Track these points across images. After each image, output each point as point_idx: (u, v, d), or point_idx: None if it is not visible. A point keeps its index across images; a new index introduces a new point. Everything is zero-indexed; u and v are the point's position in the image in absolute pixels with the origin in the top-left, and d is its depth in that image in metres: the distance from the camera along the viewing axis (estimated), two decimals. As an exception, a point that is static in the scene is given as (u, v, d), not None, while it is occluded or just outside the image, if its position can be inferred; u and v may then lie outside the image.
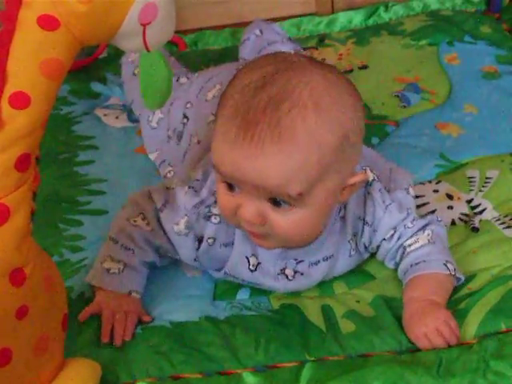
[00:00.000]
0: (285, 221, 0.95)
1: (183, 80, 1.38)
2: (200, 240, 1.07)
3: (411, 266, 1.06)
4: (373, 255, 1.13)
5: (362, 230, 1.08)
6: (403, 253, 1.08)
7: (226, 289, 1.11)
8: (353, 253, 1.09)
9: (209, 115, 1.24)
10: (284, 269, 1.06)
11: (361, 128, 0.98)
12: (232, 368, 0.99)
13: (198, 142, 1.22)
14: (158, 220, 1.08)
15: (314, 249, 1.05)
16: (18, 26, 0.76)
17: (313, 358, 0.99)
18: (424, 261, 1.06)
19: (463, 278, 1.06)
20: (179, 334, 1.03)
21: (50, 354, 0.87)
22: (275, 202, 0.94)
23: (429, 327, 0.99)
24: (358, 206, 1.07)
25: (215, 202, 1.04)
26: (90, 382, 0.91)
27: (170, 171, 1.28)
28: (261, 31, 1.52)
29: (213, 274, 1.11)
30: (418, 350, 0.99)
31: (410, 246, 1.08)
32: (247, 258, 1.06)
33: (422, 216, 1.12)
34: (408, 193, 1.11)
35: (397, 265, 1.10)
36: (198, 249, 1.07)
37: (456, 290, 1.07)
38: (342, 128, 0.94)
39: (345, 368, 0.96)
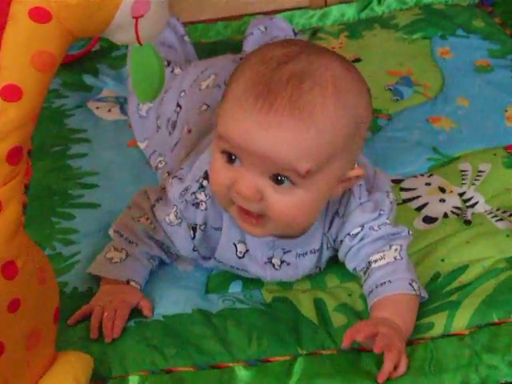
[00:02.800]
0: (283, 201, 0.94)
1: (177, 71, 1.38)
2: (194, 228, 1.06)
3: (376, 286, 1.03)
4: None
5: (332, 221, 1.06)
6: (367, 268, 1.05)
7: (218, 282, 1.12)
8: (329, 246, 1.08)
9: (201, 104, 1.24)
10: (271, 258, 1.06)
11: (369, 121, 1.00)
12: (224, 361, 0.99)
13: (189, 132, 1.22)
14: (154, 215, 1.08)
15: (303, 241, 1.05)
16: (10, 18, 0.76)
17: (305, 352, 0.99)
18: (389, 281, 1.02)
19: (427, 297, 1.03)
20: (172, 327, 1.03)
21: (42, 348, 0.87)
22: (277, 180, 0.94)
23: (387, 334, 0.94)
24: (337, 200, 1.06)
25: (200, 187, 1.04)
26: (82, 375, 0.91)
27: (160, 161, 1.28)
28: (265, 27, 1.52)
29: (204, 263, 1.11)
30: (411, 343, 0.99)
31: (375, 261, 1.04)
32: (235, 244, 1.06)
33: (394, 225, 1.07)
34: (387, 196, 1.08)
35: (356, 270, 1.07)
36: (193, 238, 1.07)
37: (447, 282, 1.07)
38: (357, 116, 0.96)
39: (335, 364, 0.96)
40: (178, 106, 1.29)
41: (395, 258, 1.04)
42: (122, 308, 1.03)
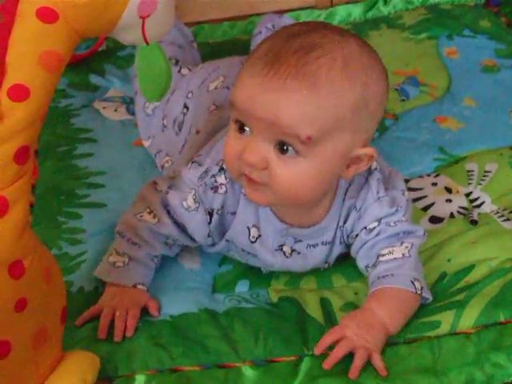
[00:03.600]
0: (287, 170, 0.95)
1: (185, 71, 1.38)
2: (210, 214, 1.06)
3: (378, 278, 1.03)
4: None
5: (349, 215, 1.06)
6: (376, 261, 1.05)
7: (225, 282, 1.12)
8: (342, 240, 1.08)
9: (210, 105, 1.24)
10: (282, 245, 1.06)
11: (382, 100, 1.00)
12: (231, 361, 0.99)
13: (197, 133, 1.22)
14: (165, 207, 1.08)
15: (315, 232, 1.05)
16: (17, 18, 0.76)
17: (311, 353, 0.99)
18: (392, 274, 1.02)
19: (431, 298, 1.03)
20: (178, 326, 1.03)
21: (48, 347, 0.87)
22: (282, 149, 0.94)
23: (351, 337, 0.96)
24: (355, 194, 1.06)
25: (220, 169, 1.04)
26: (88, 374, 0.91)
27: (167, 161, 1.28)
28: (273, 26, 1.52)
29: (212, 249, 1.11)
30: (414, 340, 0.99)
31: (383, 255, 1.04)
32: (248, 228, 1.06)
33: (410, 223, 1.07)
34: (403, 194, 1.08)
35: (367, 268, 1.07)
36: (209, 223, 1.06)
37: (453, 282, 1.07)
38: (364, 91, 0.96)
39: (340, 364, 0.96)
40: (185, 107, 1.29)
41: (403, 255, 1.04)
42: (133, 308, 1.03)
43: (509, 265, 1.08)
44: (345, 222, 1.06)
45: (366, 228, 1.06)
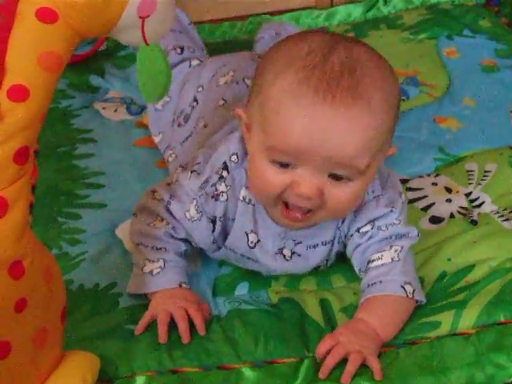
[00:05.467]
0: (344, 194, 0.95)
1: (195, 62, 1.38)
2: (213, 221, 1.06)
3: (368, 286, 1.03)
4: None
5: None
6: (366, 266, 1.05)
7: (224, 285, 1.11)
8: (340, 240, 1.08)
9: (218, 100, 1.23)
10: (282, 248, 1.06)
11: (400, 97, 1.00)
12: (231, 363, 0.99)
13: (205, 126, 1.21)
14: (171, 213, 1.07)
15: (314, 233, 1.05)
16: (17, 18, 0.76)
17: (312, 354, 0.99)
18: (380, 281, 1.02)
19: (424, 300, 1.03)
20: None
21: (49, 347, 0.87)
22: (335, 177, 0.93)
23: (344, 343, 0.95)
24: None
25: (220, 178, 1.03)
26: (89, 374, 0.91)
27: (171, 154, 1.27)
28: (276, 33, 1.52)
29: (213, 255, 1.10)
30: (414, 341, 0.99)
31: (372, 261, 1.04)
32: (246, 233, 1.05)
33: (404, 225, 1.06)
34: (400, 196, 1.07)
35: (360, 272, 1.06)
36: (213, 230, 1.06)
37: (453, 282, 1.07)
38: (396, 99, 0.96)
39: (343, 364, 0.96)
40: (195, 100, 1.29)
41: (392, 260, 1.03)
42: (190, 306, 1.01)
43: (509, 265, 1.08)
44: (342, 222, 1.06)
45: (359, 231, 1.05)
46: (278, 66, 0.93)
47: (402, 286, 1.01)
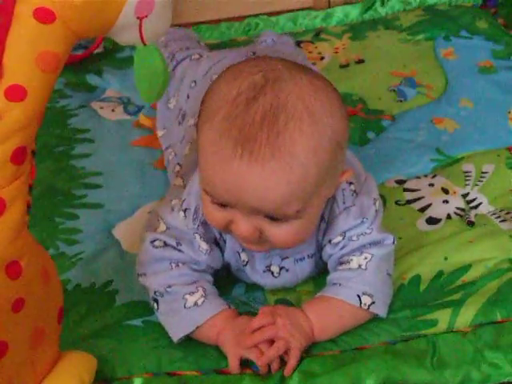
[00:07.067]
0: (284, 232, 0.94)
1: (195, 56, 1.38)
2: (218, 243, 1.05)
3: (328, 284, 1.02)
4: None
5: (319, 226, 1.04)
6: (335, 267, 1.04)
7: (221, 286, 1.11)
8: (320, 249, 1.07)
9: None
10: (269, 266, 1.05)
11: (347, 130, 0.96)
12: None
13: (195, 125, 1.21)
14: (187, 254, 1.03)
15: (298, 247, 1.02)
16: (14, 19, 0.76)
17: (307, 355, 0.99)
18: (340, 284, 1.00)
19: (384, 315, 1.01)
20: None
21: (45, 347, 0.87)
22: (272, 218, 0.92)
23: (278, 326, 0.96)
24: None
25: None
26: (86, 375, 0.91)
27: (170, 152, 1.27)
28: (273, 40, 1.51)
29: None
30: (411, 338, 0.99)
31: (341, 264, 1.03)
32: (238, 252, 1.05)
33: (379, 232, 1.03)
34: (374, 204, 1.04)
35: None
36: (222, 254, 1.05)
37: (450, 281, 1.07)
38: (335, 134, 0.91)
39: (338, 362, 0.96)
40: (188, 97, 1.29)
41: (359, 266, 1.01)
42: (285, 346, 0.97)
43: (506, 265, 1.08)
44: (322, 234, 1.05)
45: (330, 242, 1.03)
46: (208, 111, 0.92)
47: (359, 296, 0.99)
